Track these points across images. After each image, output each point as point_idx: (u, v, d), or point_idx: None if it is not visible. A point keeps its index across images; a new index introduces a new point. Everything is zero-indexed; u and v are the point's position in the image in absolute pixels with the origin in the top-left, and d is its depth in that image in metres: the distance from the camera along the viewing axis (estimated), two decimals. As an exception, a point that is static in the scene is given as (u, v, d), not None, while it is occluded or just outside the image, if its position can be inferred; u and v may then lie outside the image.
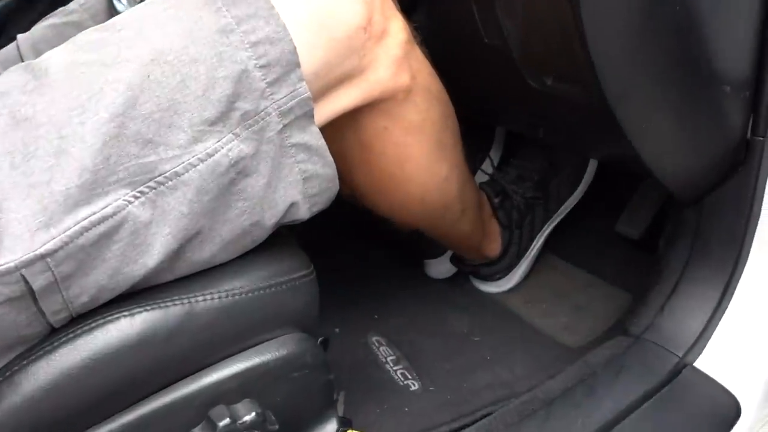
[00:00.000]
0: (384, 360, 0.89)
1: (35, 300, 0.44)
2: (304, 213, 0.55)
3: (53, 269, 0.43)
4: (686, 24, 0.57)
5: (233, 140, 0.47)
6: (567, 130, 0.77)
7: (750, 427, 0.67)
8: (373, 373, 0.87)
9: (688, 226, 0.73)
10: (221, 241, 0.50)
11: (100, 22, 0.51)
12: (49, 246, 0.43)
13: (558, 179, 0.96)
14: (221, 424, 0.48)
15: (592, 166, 1.00)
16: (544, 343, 0.92)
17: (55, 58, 0.47)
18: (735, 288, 0.70)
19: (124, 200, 0.44)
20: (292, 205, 0.53)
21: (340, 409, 0.67)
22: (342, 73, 0.56)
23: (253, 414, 0.49)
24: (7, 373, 0.44)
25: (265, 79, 0.48)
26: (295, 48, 0.49)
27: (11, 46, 0.70)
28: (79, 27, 0.67)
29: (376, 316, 0.99)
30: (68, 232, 0.43)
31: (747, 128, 0.65)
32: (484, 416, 0.71)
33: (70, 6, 0.73)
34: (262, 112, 0.48)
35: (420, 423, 0.75)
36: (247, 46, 0.47)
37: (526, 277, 1.03)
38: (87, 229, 0.43)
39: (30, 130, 0.43)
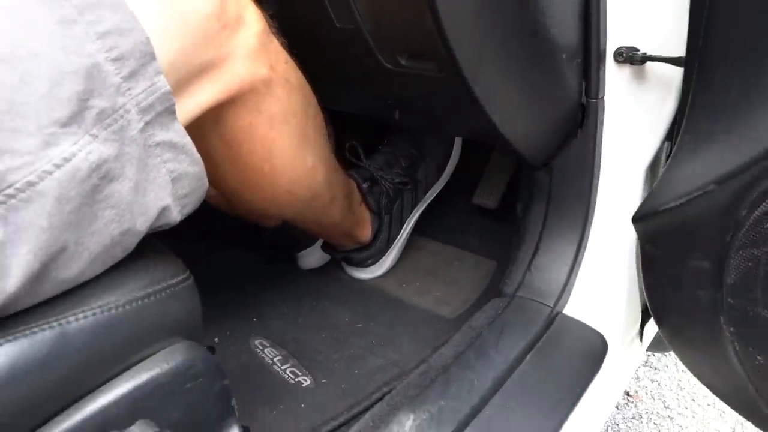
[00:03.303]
0: (271, 361, 0.87)
1: None
2: (175, 216, 0.51)
3: None
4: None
5: (91, 142, 0.43)
6: (423, 109, 0.80)
7: (617, 357, 0.75)
8: (262, 376, 0.84)
9: (542, 189, 0.80)
10: (89, 256, 0.45)
11: None
12: None
13: (425, 165, 1.00)
14: (114, 453, 0.44)
15: (457, 149, 1.05)
16: (424, 318, 0.95)
17: None
18: (587, 239, 0.78)
19: None
20: (164, 208, 0.49)
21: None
22: (199, 66, 0.54)
23: (149, 435, 0.45)
24: None
25: (119, 74, 0.44)
26: (148, 38, 0.46)
27: None
28: None
29: (254, 320, 0.96)
30: None
31: (581, 92, 0.71)
32: (382, 397, 0.72)
33: None
34: (121, 110, 0.45)
35: (318, 416, 0.74)
36: (95, 37, 0.43)
37: (398, 261, 1.06)
38: None
39: None
